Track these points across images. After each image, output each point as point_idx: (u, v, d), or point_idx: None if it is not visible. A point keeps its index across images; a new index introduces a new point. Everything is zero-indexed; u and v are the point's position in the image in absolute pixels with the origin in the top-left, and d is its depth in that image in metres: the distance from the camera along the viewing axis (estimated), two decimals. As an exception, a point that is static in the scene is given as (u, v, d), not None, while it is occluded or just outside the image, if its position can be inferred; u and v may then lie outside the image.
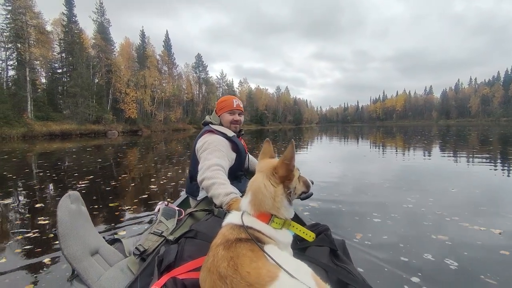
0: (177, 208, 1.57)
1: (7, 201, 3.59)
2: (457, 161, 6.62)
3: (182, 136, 24.82)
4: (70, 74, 33.69)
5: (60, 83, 35.52)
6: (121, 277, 1.14)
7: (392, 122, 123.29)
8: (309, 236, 1.01)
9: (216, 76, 76.17)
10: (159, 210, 1.52)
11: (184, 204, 2.01)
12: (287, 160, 0.85)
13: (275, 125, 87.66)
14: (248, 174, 1.91)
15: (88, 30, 43.08)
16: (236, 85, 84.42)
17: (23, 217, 3.05)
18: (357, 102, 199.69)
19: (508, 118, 75.56)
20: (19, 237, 2.41)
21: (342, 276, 0.93)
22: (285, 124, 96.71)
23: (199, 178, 1.45)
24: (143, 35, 46.11)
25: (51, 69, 35.07)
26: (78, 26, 36.12)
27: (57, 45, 34.99)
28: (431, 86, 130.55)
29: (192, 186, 1.81)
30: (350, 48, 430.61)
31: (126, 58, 40.35)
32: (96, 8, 38.43)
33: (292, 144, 0.83)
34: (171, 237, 1.26)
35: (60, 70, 35.92)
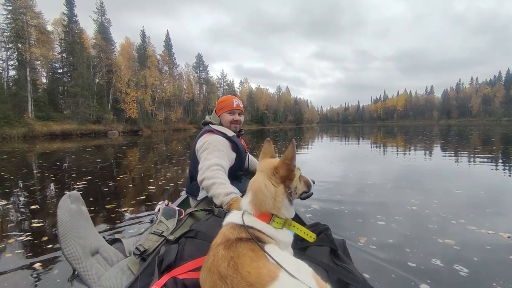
0: (177, 208, 1.57)
1: (3, 202, 3.56)
2: (459, 161, 6.55)
3: (183, 136, 24.81)
4: (71, 74, 33.76)
5: (61, 83, 35.57)
6: (122, 277, 1.14)
7: (393, 122, 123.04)
8: (310, 237, 1.01)
9: (217, 76, 76.30)
10: (159, 210, 1.52)
11: (184, 204, 2.01)
12: (288, 160, 0.85)
13: (276, 125, 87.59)
14: (248, 174, 1.91)
15: (89, 30, 43.32)
16: (237, 85, 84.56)
17: (23, 218, 3.04)
18: (358, 102, 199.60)
19: (510, 118, 75.32)
20: (19, 238, 2.41)
21: (343, 276, 0.93)
22: (286, 124, 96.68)
23: (199, 178, 1.45)
24: (144, 35, 46.25)
25: (52, 69, 35.12)
26: (79, 26, 36.20)
27: (58, 45, 35.07)
28: (432, 86, 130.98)
29: (192, 186, 1.81)
30: (351, 48, 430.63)
31: (127, 58, 40.37)
32: (97, 8, 38.56)
33: (293, 144, 0.83)
34: (171, 237, 1.26)
35: (61, 70, 35.98)
